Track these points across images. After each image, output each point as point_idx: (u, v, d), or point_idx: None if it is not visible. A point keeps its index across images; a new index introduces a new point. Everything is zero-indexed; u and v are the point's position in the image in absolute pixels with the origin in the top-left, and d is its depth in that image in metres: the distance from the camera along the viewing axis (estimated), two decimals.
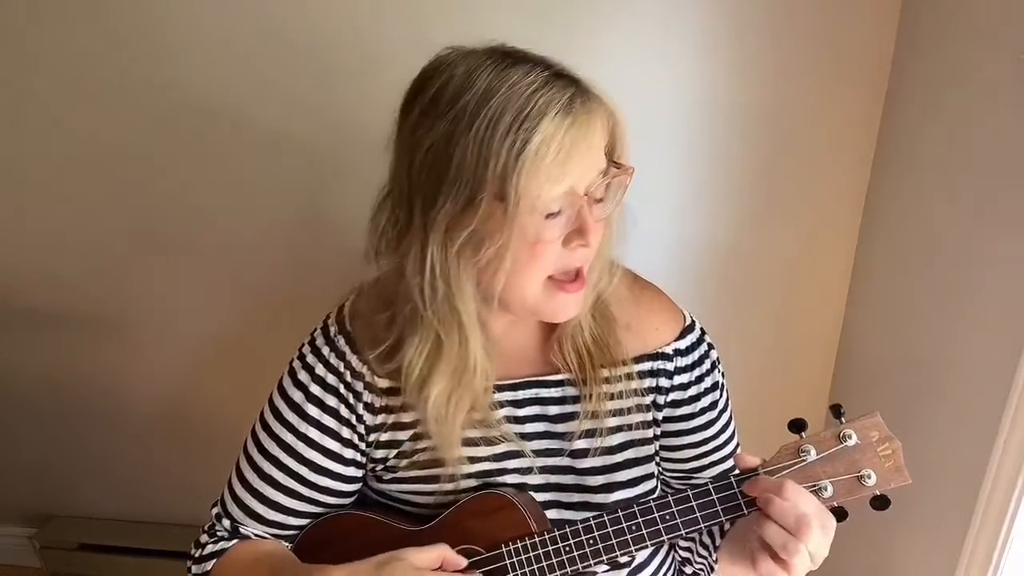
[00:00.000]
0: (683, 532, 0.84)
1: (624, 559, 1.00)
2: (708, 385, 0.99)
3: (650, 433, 0.98)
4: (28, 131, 1.57)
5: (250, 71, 1.46)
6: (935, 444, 1.21)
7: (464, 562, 0.88)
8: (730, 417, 1.04)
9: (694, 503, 0.84)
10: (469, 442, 0.94)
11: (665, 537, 0.85)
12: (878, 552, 1.41)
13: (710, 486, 0.83)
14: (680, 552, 1.08)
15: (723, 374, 1.02)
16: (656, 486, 1.02)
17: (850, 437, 0.77)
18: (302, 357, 0.97)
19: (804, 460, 0.78)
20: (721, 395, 1.01)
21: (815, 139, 1.42)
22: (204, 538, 1.00)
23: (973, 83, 1.16)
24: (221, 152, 1.54)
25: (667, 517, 0.85)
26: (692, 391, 0.98)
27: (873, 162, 1.43)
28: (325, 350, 0.95)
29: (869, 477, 0.76)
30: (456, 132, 0.77)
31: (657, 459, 1.02)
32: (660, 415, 0.98)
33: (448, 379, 0.87)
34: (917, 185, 1.31)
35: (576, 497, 0.98)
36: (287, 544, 1.00)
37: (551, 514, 0.97)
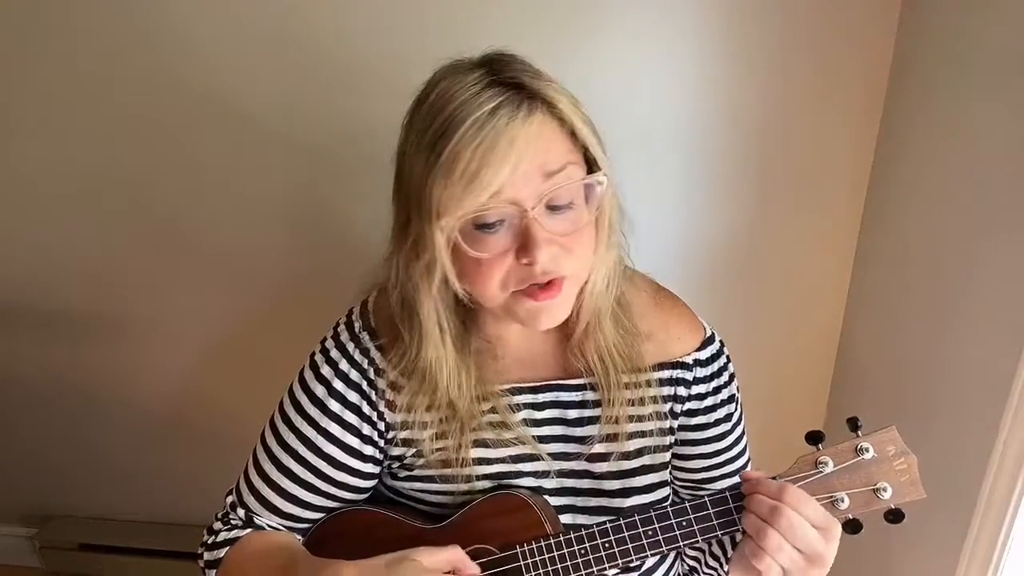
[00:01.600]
0: (699, 539, 0.86)
1: (635, 562, 1.01)
2: (724, 397, 1.00)
3: (666, 440, 0.99)
4: (30, 132, 1.56)
5: (254, 74, 1.45)
6: (935, 444, 1.22)
7: (477, 569, 0.88)
8: (743, 431, 1.05)
9: (711, 511, 0.85)
10: (485, 443, 0.95)
11: (681, 543, 0.86)
12: (878, 552, 1.42)
13: (728, 494, 0.85)
14: (687, 560, 1.10)
15: (739, 388, 1.03)
16: (670, 493, 1.03)
17: (867, 450, 0.78)
18: (325, 351, 0.96)
19: (821, 472, 0.79)
20: (736, 408, 1.02)
21: (815, 139, 1.42)
22: (217, 525, 1.00)
23: (973, 83, 1.17)
24: (224, 154, 1.54)
25: (683, 524, 0.86)
26: (708, 402, 0.99)
27: (873, 162, 1.43)
28: (350, 346, 0.95)
29: (885, 490, 0.77)
30: (407, 147, 0.80)
31: (669, 467, 1.03)
32: (676, 423, 0.99)
33: (417, 384, 0.91)
34: (917, 185, 1.31)
35: (592, 501, 0.98)
36: (299, 537, 1.00)
37: (566, 518, 0.97)
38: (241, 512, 0.99)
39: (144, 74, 1.47)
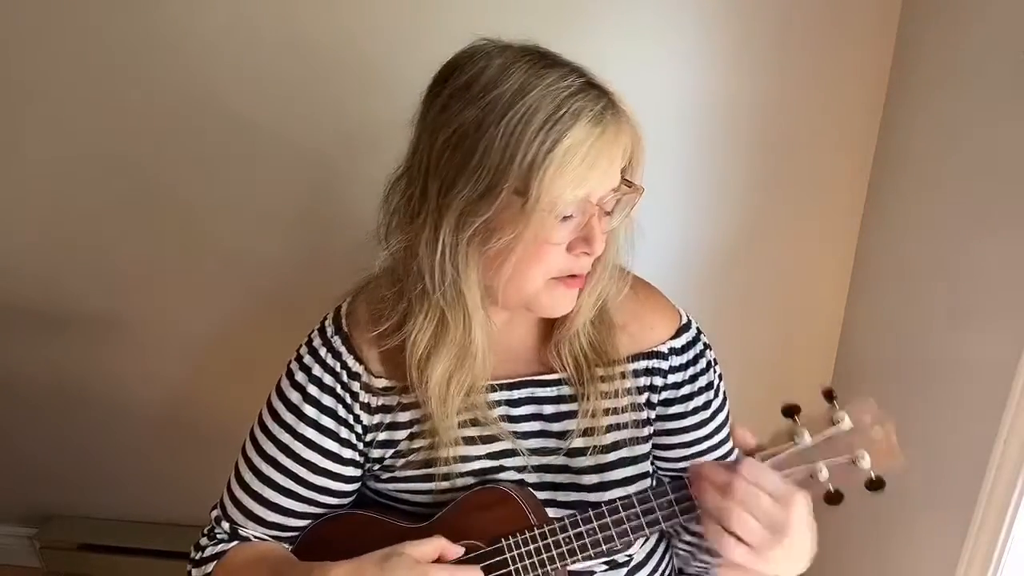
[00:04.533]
0: (680, 519, 0.85)
1: (623, 558, 1.00)
2: (702, 385, 0.99)
3: (644, 432, 0.98)
4: (30, 132, 1.58)
5: (252, 74, 1.47)
6: (935, 444, 1.21)
7: (461, 550, 0.88)
8: (725, 419, 1.04)
9: (690, 489, 0.83)
10: (465, 440, 0.95)
11: (663, 524, 0.85)
12: (878, 552, 1.40)
13: None
14: (680, 551, 1.08)
15: (720, 376, 1.02)
16: (651, 484, 1.02)
17: (843, 420, 0.76)
18: (299, 358, 0.97)
19: (797, 444, 0.78)
20: (716, 396, 1.01)
21: (815, 139, 1.43)
22: (204, 540, 1.00)
23: (973, 83, 1.17)
24: (222, 154, 1.55)
25: (664, 505, 0.85)
26: (685, 390, 0.98)
27: (873, 163, 1.43)
28: (322, 351, 0.95)
29: (863, 459, 0.76)
30: (487, 120, 0.78)
31: (651, 457, 1.02)
32: (653, 414, 0.98)
33: (450, 361, 0.88)
34: (917, 185, 1.31)
35: (573, 496, 0.98)
36: (287, 545, 1.00)
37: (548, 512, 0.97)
38: (226, 525, 0.99)
39: (146, 74, 1.49)
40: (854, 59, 1.36)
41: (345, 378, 0.94)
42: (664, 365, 0.97)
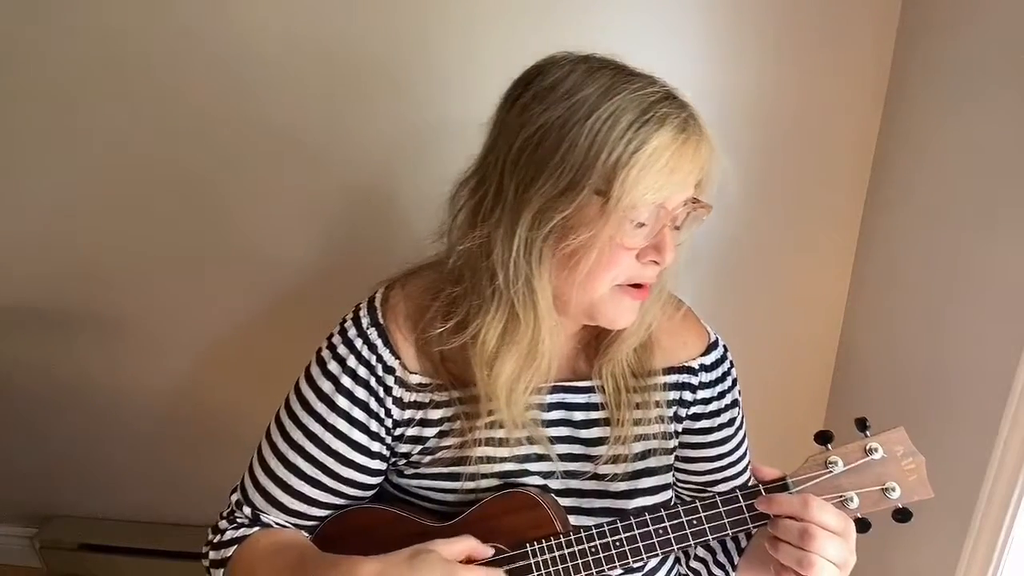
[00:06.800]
0: (710, 537, 0.86)
1: (637, 564, 1.02)
2: (728, 402, 1.01)
3: (669, 444, 1.00)
4: (37, 132, 1.56)
5: (263, 76, 1.46)
6: (935, 444, 1.20)
7: (490, 551, 0.89)
8: (745, 434, 1.06)
9: (722, 509, 0.85)
10: (494, 442, 0.95)
11: (692, 542, 0.86)
12: (878, 552, 1.42)
13: (739, 493, 0.85)
14: (692, 564, 1.10)
15: (740, 392, 1.04)
16: (673, 495, 1.04)
17: (876, 450, 0.78)
18: (332, 347, 0.95)
19: (831, 472, 0.79)
20: (739, 413, 1.03)
21: (815, 140, 1.43)
22: (223, 524, 0.98)
23: (974, 84, 1.18)
24: (227, 155, 1.54)
25: (694, 522, 0.86)
26: (713, 406, 1.00)
27: (873, 163, 1.44)
28: (358, 342, 0.94)
29: (894, 490, 0.78)
30: (572, 119, 0.78)
31: (673, 471, 1.04)
32: (680, 427, 1.00)
33: (519, 360, 0.88)
34: (917, 186, 1.32)
35: (597, 503, 0.98)
36: (307, 535, 0.99)
37: (570, 519, 0.97)
38: (247, 510, 0.98)
39: (156, 73, 1.47)
40: (854, 59, 1.37)
41: (380, 372, 0.93)
42: (694, 380, 0.98)
